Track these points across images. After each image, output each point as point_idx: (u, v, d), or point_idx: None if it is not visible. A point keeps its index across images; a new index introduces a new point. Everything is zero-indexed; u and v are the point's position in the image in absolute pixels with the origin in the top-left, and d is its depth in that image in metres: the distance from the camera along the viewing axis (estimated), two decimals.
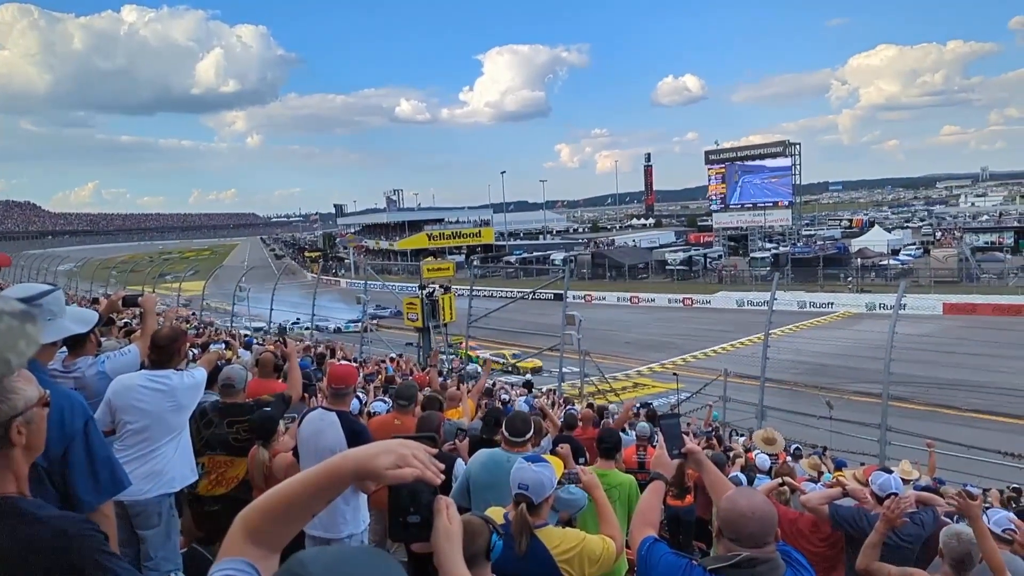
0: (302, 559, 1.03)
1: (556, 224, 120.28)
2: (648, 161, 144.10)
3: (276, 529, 1.27)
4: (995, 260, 48.49)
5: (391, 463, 1.26)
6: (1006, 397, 18.78)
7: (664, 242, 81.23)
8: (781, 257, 53.72)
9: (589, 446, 5.89)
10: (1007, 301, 37.47)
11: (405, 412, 5.12)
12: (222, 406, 4.45)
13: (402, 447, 1.30)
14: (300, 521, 1.29)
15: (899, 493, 3.96)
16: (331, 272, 75.79)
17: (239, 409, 4.46)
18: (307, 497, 1.27)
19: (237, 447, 4.45)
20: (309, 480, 1.28)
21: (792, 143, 65.50)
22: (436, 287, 22.57)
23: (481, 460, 3.84)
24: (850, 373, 21.76)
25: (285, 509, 1.26)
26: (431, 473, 1.29)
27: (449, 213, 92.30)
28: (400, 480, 1.26)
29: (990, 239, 58.36)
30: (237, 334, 18.19)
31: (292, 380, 4.75)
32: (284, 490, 1.27)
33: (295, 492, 1.27)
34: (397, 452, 1.28)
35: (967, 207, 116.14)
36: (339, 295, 40.13)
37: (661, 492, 2.62)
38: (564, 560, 2.59)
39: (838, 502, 4.37)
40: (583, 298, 49.70)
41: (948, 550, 3.20)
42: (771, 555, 2.01)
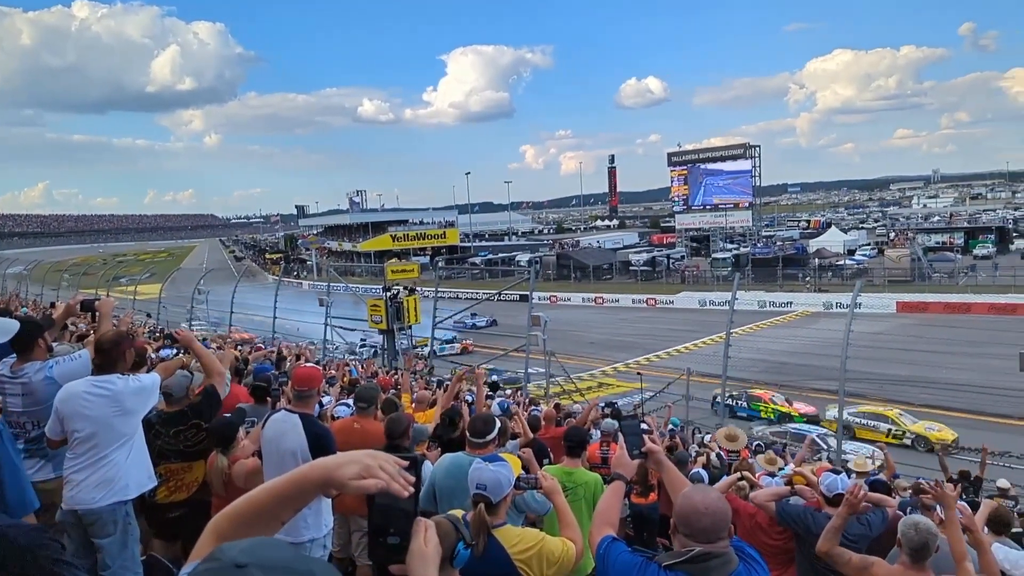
0: (222, 546, 1.04)
1: (521, 225, 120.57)
2: (612, 163, 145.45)
3: (246, 535, 1.26)
4: (946, 260, 50.17)
5: (355, 473, 1.28)
6: (957, 393, 19.43)
7: (628, 243, 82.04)
8: (742, 258, 54.74)
9: (554, 445, 5.90)
10: (957, 299, 38.76)
11: (366, 415, 5.06)
12: (165, 416, 4.37)
13: (369, 458, 1.31)
14: (269, 528, 1.31)
15: (844, 494, 4.05)
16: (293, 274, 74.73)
17: (181, 417, 4.39)
18: (275, 505, 1.30)
19: (191, 452, 4.37)
20: (276, 489, 1.31)
21: (752, 145, 66.82)
22: (400, 289, 22.42)
23: (445, 465, 3.81)
24: (808, 371, 22.25)
25: (254, 516, 1.29)
26: (398, 485, 1.30)
27: (413, 214, 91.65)
28: (364, 491, 1.28)
29: (941, 239, 60.43)
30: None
31: (206, 367, 4.55)
32: (253, 498, 1.31)
33: (263, 500, 1.30)
34: (363, 463, 1.29)
35: (919, 208, 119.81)
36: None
37: (621, 492, 2.65)
38: (522, 560, 2.59)
39: (788, 500, 4.47)
40: (548, 299, 49.91)
41: (906, 540, 3.28)
42: (724, 550, 2.05)
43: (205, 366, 4.51)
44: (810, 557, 4.14)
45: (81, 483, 3.41)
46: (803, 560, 4.24)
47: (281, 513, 1.31)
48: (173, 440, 4.33)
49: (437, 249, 78.79)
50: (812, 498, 4.54)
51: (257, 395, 5.50)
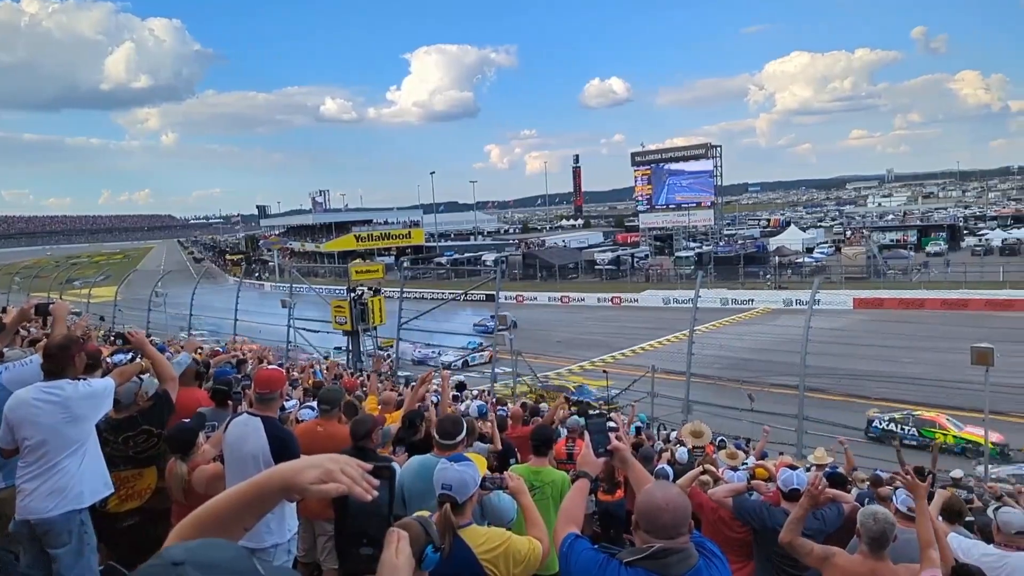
0: (168, 547, 1.05)
1: (487, 225, 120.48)
2: (576, 162, 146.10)
3: None
4: (900, 257, 51.67)
5: (316, 478, 1.27)
6: (912, 386, 19.98)
7: (593, 242, 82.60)
8: (704, 256, 55.52)
9: (521, 444, 5.91)
10: (911, 295, 39.96)
11: (329, 417, 4.99)
12: (114, 422, 4.25)
13: (330, 462, 1.30)
14: (232, 534, 1.29)
15: (800, 489, 4.14)
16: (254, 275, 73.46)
17: (130, 423, 4.27)
18: (236, 511, 1.29)
19: (142, 459, 4.26)
20: (238, 495, 1.30)
21: (714, 145, 67.93)
22: (365, 289, 22.19)
23: (414, 468, 3.79)
24: (770, 367, 22.68)
25: (215, 523, 1.27)
26: (360, 489, 1.28)
27: (378, 214, 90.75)
28: (325, 495, 1.26)
29: (895, 237, 62.20)
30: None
31: (158, 372, 4.45)
32: (215, 504, 1.29)
33: (225, 507, 1.29)
34: (323, 467, 1.29)
35: (874, 207, 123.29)
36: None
37: (586, 490, 2.66)
38: (488, 559, 2.59)
39: (746, 496, 4.55)
40: (515, 298, 49.99)
41: (865, 529, 3.36)
42: (684, 545, 2.07)
43: (157, 371, 4.40)
44: (767, 551, 4.23)
45: (33, 492, 3.31)
46: (760, 554, 4.33)
47: (243, 519, 1.30)
48: (123, 447, 4.19)
49: (402, 249, 78.29)
50: (768, 493, 4.63)
51: (218, 398, 5.38)
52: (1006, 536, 3.90)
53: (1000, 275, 41.65)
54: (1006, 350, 13.95)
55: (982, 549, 3.87)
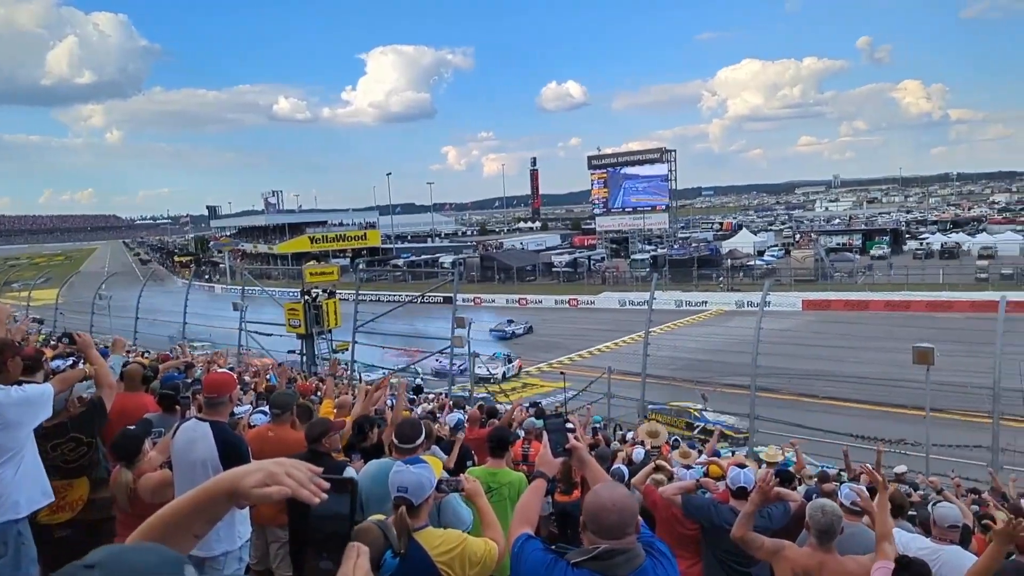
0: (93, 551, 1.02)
1: (444, 227, 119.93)
2: (534, 165, 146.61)
3: None
4: (846, 260, 53.44)
5: (258, 481, 1.25)
6: (858, 385, 20.63)
7: (550, 245, 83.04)
8: (659, 259, 56.44)
9: (478, 447, 5.89)
10: (856, 297, 41.35)
11: (281, 422, 4.89)
12: (41, 430, 4.07)
13: (275, 465, 1.28)
14: (183, 543, 1.28)
15: (747, 487, 4.26)
16: (204, 277, 71.69)
17: (59, 430, 4.11)
18: (184, 519, 1.28)
19: (71, 468, 4.09)
20: (185, 503, 1.29)
21: (668, 150, 69.19)
22: (320, 292, 21.86)
23: (371, 472, 3.75)
24: (722, 367, 23.12)
25: (164, 532, 1.26)
26: (307, 492, 1.26)
27: (333, 215, 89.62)
28: (267, 499, 1.24)
29: (842, 240, 64.32)
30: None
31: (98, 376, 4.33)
32: (164, 513, 1.28)
33: (173, 515, 1.28)
34: (267, 470, 1.27)
35: (822, 211, 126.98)
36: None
37: (542, 490, 2.66)
38: (444, 562, 2.58)
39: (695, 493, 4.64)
40: (472, 301, 49.90)
41: (814, 522, 3.46)
42: (629, 546, 2.08)
43: (97, 377, 4.25)
44: (714, 548, 4.33)
45: None
46: (708, 550, 4.42)
47: (192, 527, 1.28)
48: (50, 455, 4.02)
49: (358, 251, 77.32)
50: (718, 491, 4.72)
51: (165, 404, 5.23)
52: (940, 529, 4.06)
53: (940, 277, 43.45)
54: (946, 350, 14.47)
55: (919, 543, 4.01)
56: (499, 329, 37.69)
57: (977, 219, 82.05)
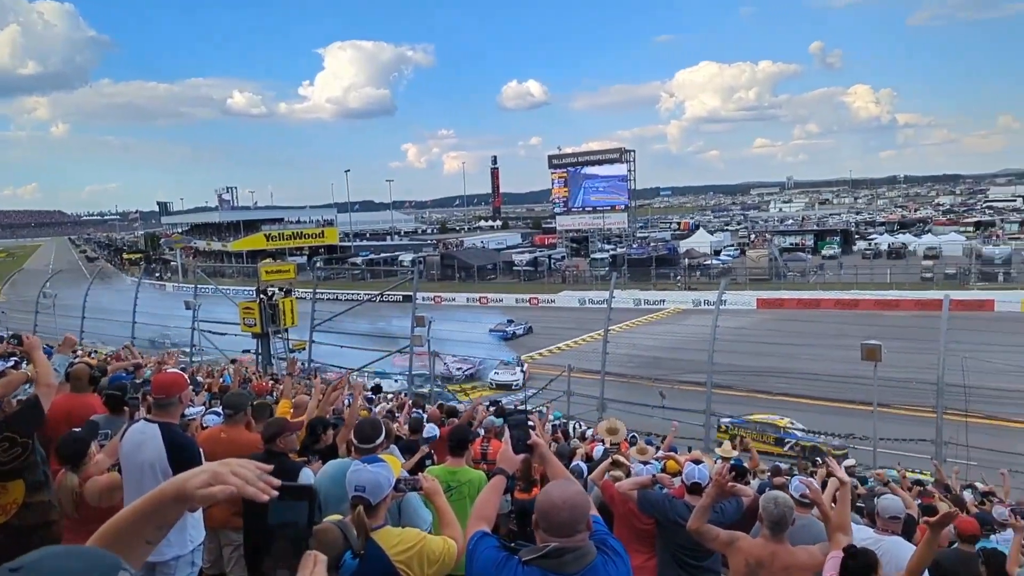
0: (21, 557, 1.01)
1: (404, 225, 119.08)
2: (495, 163, 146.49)
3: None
4: (799, 259, 54.83)
5: (202, 482, 1.24)
6: (809, 382, 21.20)
7: (511, 243, 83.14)
8: (618, 258, 57.00)
9: (438, 445, 5.86)
10: (808, 296, 42.44)
11: (234, 423, 4.78)
12: None
13: (221, 465, 1.28)
14: (135, 550, 1.28)
15: (701, 483, 4.36)
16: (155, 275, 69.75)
17: None
18: (134, 526, 1.28)
19: (5, 470, 3.92)
20: (135, 509, 1.29)
21: (627, 150, 69.85)
22: (276, 290, 21.46)
23: (330, 473, 3.70)
24: (680, 364, 23.48)
25: (115, 539, 1.26)
26: (253, 489, 1.26)
27: (289, 213, 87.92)
28: (213, 499, 1.24)
29: (795, 241, 65.95)
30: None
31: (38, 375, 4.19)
32: (115, 520, 1.29)
33: (123, 522, 1.28)
34: (212, 471, 1.27)
35: (776, 212, 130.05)
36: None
37: (501, 487, 2.66)
38: (402, 561, 2.57)
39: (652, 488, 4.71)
40: (432, 299, 49.65)
41: (767, 514, 3.54)
42: (580, 544, 2.08)
43: (37, 375, 4.09)
44: (668, 542, 4.41)
45: None
46: (662, 544, 4.50)
47: (143, 533, 1.28)
48: None
49: (315, 249, 76.14)
50: (673, 486, 4.80)
51: (112, 405, 5.05)
52: (884, 520, 4.21)
53: (888, 277, 44.92)
54: (893, 347, 14.97)
55: (863, 533, 4.14)
56: (499, 329, 37.23)
57: (923, 220, 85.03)
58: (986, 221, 77.26)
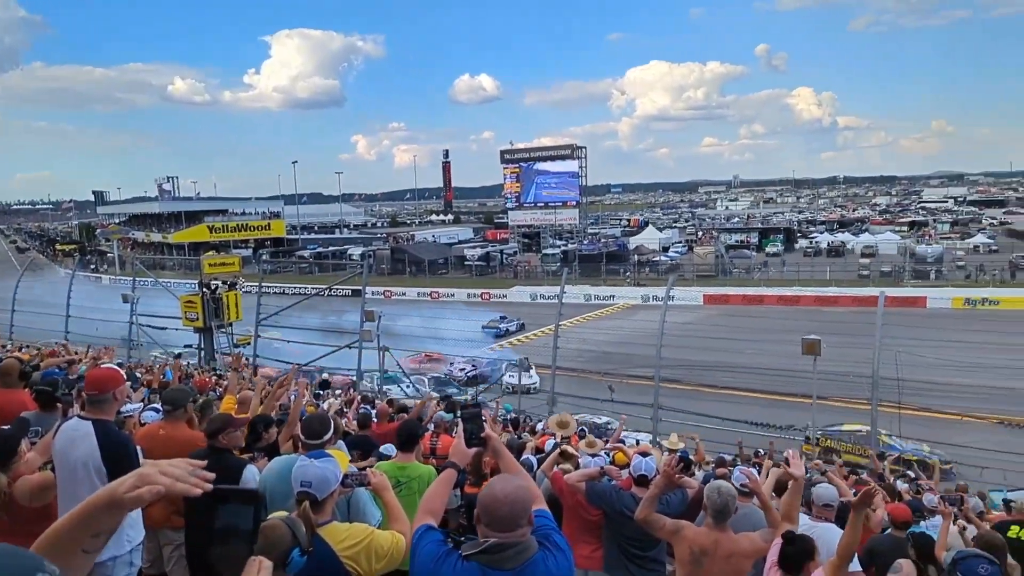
0: None
1: (353, 218, 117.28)
2: (446, 157, 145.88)
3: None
4: (744, 257, 56.35)
5: (129, 486, 1.26)
6: (753, 375, 21.78)
7: (463, 238, 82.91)
8: (569, 253, 57.49)
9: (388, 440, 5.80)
10: (753, 292, 43.65)
11: (173, 419, 4.63)
12: None
13: (149, 466, 1.30)
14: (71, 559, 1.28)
15: (647, 475, 4.46)
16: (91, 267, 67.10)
17: None
18: (69, 534, 1.29)
19: None
20: (71, 517, 1.30)
21: (579, 147, 70.33)
22: (219, 284, 20.89)
23: (276, 469, 3.63)
24: (629, 359, 23.81)
25: (51, 547, 1.27)
26: (184, 486, 1.26)
27: (234, 204, 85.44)
28: (140, 500, 1.25)
29: (740, 238, 67.75)
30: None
31: None
32: (52, 529, 1.30)
33: (59, 530, 1.29)
34: (139, 473, 1.28)
35: (722, 210, 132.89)
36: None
37: (451, 480, 2.64)
38: (349, 556, 2.54)
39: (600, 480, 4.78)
40: (382, 294, 49.15)
41: (711, 503, 3.63)
42: (520, 539, 2.09)
43: None
44: (615, 533, 4.49)
45: None
46: (609, 535, 4.57)
47: (79, 542, 1.29)
48: None
49: (261, 241, 74.39)
50: (621, 478, 4.87)
51: (43, 401, 4.84)
52: (818, 508, 4.41)
53: (827, 274, 46.57)
54: (831, 341, 15.48)
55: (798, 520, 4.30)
56: (492, 326, 36.62)
57: (861, 220, 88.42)
58: (920, 221, 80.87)
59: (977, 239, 60.68)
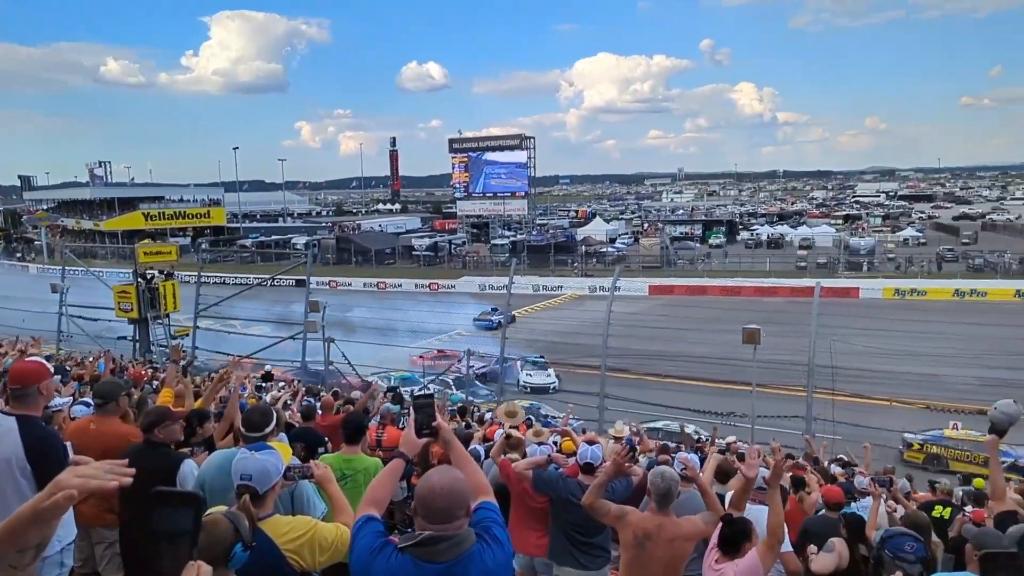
0: None
1: (297, 206, 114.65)
2: (393, 146, 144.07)
3: None
4: (688, 248, 57.58)
5: (45, 495, 1.25)
6: (696, 364, 22.32)
7: (411, 228, 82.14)
8: (518, 244, 57.64)
9: (332, 433, 5.71)
10: (696, 283, 44.66)
11: (105, 414, 4.44)
12: None
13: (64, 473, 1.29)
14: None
15: (593, 463, 4.54)
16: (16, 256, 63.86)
17: None
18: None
19: None
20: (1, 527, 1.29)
21: (528, 137, 70.33)
22: (156, 273, 20.15)
23: (216, 463, 3.52)
24: (576, 348, 24.08)
25: None
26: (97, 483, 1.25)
27: (171, 190, 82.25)
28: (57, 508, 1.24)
29: (684, 230, 69.09)
30: None
31: None
32: None
33: None
34: (55, 481, 1.27)
35: (667, 202, 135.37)
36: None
37: (398, 470, 2.60)
38: (292, 549, 2.50)
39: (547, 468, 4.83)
40: (327, 284, 48.29)
41: (654, 488, 3.71)
42: (455, 532, 2.08)
43: None
44: (560, 519, 4.55)
45: None
46: (555, 522, 4.63)
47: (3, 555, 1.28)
48: None
49: (200, 230, 71.88)
50: (567, 465, 4.93)
51: None
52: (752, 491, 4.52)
53: (767, 265, 48.06)
54: (770, 331, 15.95)
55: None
56: (484, 319, 35.50)
57: (799, 213, 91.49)
58: (854, 215, 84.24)
59: (907, 232, 63.50)
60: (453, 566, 2.07)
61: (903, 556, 2.77)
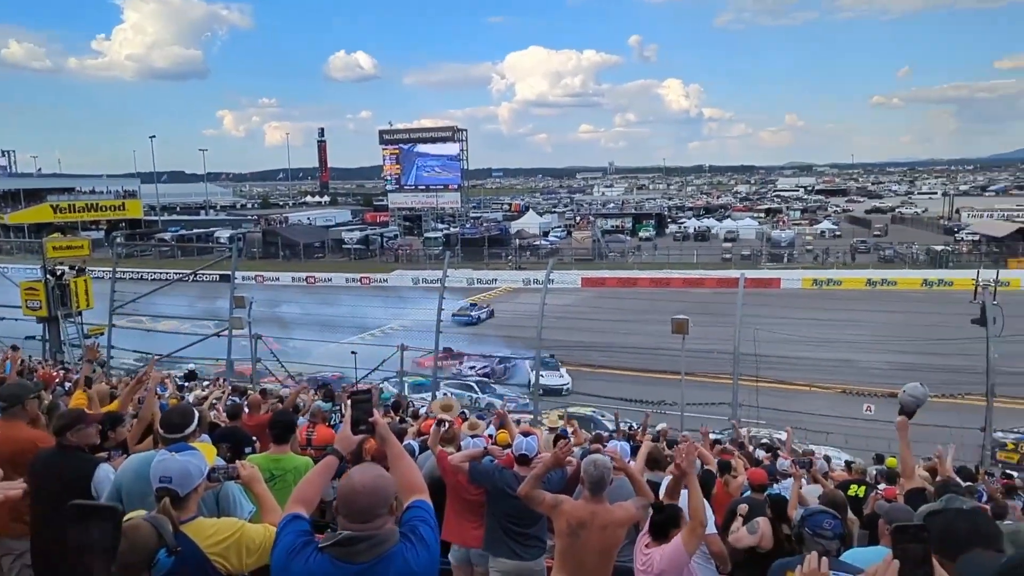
0: None
1: (220, 199, 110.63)
2: (322, 136, 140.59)
3: None
4: (619, 241, 58.75)
5: None
6: (628, 355, 22.79)
7: (341, 221, 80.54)
8: (452, 237, 57.46)
9: (260, 432, 5.55)
10: (627, 275, 45.64)
11: (11, 417, 4.17)
12: None
13: None
14: None
15: (528, 454, 4.61)
16: None
17: None
18: None
19: None
20: None
21: (460, 129, 70.09)
22: (66, 269, 19.07)
23: (134, 467, 3.34)
24: (509, 341, 24.21)
25: None
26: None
27: (82, 181, 77.72)
28: None
29: (615, 223, 70.44)
30: None
31: None
32: None
33: None
34: None
35: (599, 196, 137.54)
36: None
37: (331, 468, 2.54)
38: (217, 552, 2.41)
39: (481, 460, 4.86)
40: (254, 279, 46.82)
41: (587, 475, 3.77)
42: (375, 532, 2.04)
43: None
44: (496, 510, 4.58)
45: None
46: (490, 512, 4.65)
47: None
48: None
49: (115, 223, 68.40)
50: (502, 457, 4.96)
51: None
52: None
53: (694, 257, 49.55)
54: (698, 321, 16.41)
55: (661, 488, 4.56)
56: (463, 314, 34.32)
57: (724, 207, 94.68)
58: (775, 208, 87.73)
59: (823, 225, 66.71)
60: (373, 567, 2.02)
61: (821, 533, 2.90)
